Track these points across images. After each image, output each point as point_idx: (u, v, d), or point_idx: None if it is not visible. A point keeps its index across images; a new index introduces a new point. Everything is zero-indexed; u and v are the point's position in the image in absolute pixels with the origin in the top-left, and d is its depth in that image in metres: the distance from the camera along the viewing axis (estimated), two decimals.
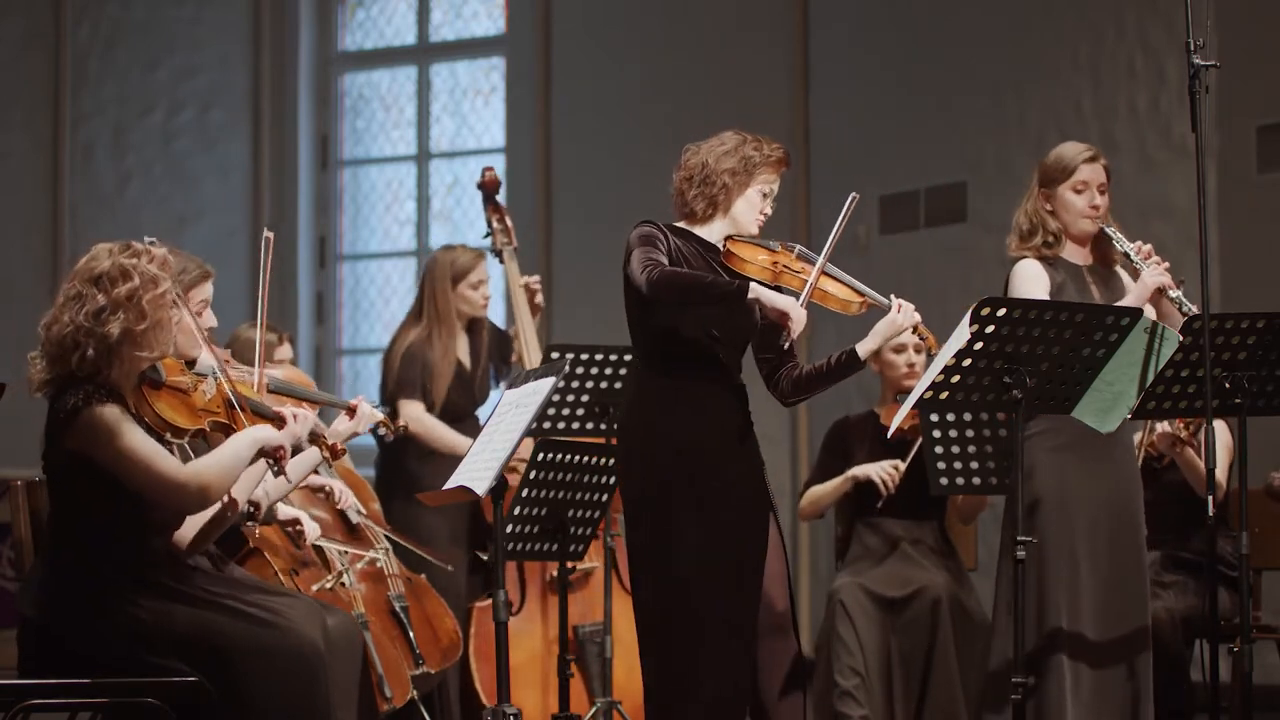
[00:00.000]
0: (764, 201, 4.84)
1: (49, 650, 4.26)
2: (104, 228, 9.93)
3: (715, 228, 4.85)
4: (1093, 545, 5.09)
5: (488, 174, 6.87)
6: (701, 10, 9.30)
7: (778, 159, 4.84)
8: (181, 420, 4.30)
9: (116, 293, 4.21)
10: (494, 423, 4.87)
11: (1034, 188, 5.26)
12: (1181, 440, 5.66)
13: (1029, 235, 5.22)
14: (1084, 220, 5.18)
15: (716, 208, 4.83)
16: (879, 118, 8.62)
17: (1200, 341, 4.75)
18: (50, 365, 4.26)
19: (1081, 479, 5.11)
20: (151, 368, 4.29)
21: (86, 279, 4.25)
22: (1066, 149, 5.26)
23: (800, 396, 4.89)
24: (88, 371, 4.21)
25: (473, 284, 6.55)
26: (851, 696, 6.12)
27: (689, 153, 4.89)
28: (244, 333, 5.95)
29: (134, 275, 4.23)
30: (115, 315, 4.19)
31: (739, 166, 4.80)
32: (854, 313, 4.80)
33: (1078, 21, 8.18)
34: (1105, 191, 5.22)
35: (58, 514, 4.33)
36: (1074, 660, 5.04)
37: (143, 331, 4.21)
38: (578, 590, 6.34)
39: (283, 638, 4.23)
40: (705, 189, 4.82)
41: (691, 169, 4.85)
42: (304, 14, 10.32)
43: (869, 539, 6.42)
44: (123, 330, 4.20)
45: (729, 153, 4.81)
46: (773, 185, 4.85)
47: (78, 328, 4.21)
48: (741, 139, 4.84)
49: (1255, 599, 5.92)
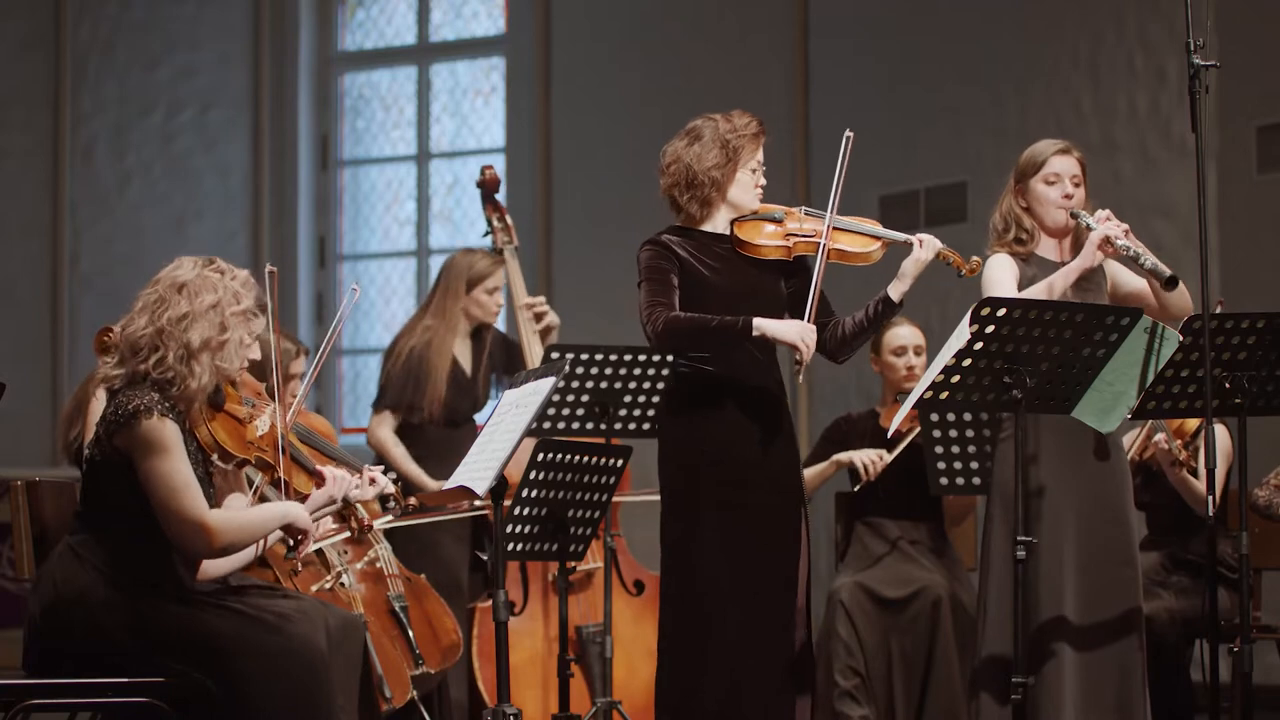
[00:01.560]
0: (755, 176, 4.86)
1: (53, 647, 4.26)
2: (104, 228, 9.96)
3: (717, 219, 4.87)
4: (1080, 543, 5.09)
5: (487, 172, 6.87)
6: (701, 10, 9.29)
7: (754, 132, 4.86)
8: (231, 446, 4.35)
9: (200, 302, 4.26)
10: (494, 423, 4.88)
11: (1009, 185, 5.24)
12: (1180, 462, 5.67)
13: (1003, 233, 5.21)
14: (1055, 211, 5.15)
15: (712, 203, 4.85)
16: (879, 118, 8.61)
17: (1200, 341, 4.75)
18: (122, 363, 4.29)
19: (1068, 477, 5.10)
20: (215, 389, 4.32)
21: (170, 286, 4.29)
22: (1040, 144, 5.25)
23: (846, 352, 4.92)
24: (162, 376, 4.23)
25: (488, 290, 6.56)
26: (851, 696, 6.12)
27: (667, 156, 4.89)
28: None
29: (219, 288, 4.29)
30: (198, 323, 4.24)
31: (721, 158, 4.81)
32: (876, 259, 4.83)
33: (1078, 21, 8.18)
34: (1080, 184, 5.18)
35: (86, 508, 4.34)
36: (1067, 655, 5.03)
37: (221, 344, 4.26)
38: (580, 590, 6.34)
39: (285, 640, 4.24)
40: (695, 191, 4.84)
41: (675, 175, 4.86)
42: (304, 14, 10.31)
43: (868, 539, 6.43)
44: (203, 340, 4.24)
45: (707, 146, 4.81)
46: (758, 158, 4.87)
47: (159, 330, 4.25)
48: (714, 124, 4.84)
49: (1255, 599, 5.92)
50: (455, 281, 6.55)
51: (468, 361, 6.59)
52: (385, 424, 6.48)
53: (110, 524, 4.28)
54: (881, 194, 8.64)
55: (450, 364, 6.51)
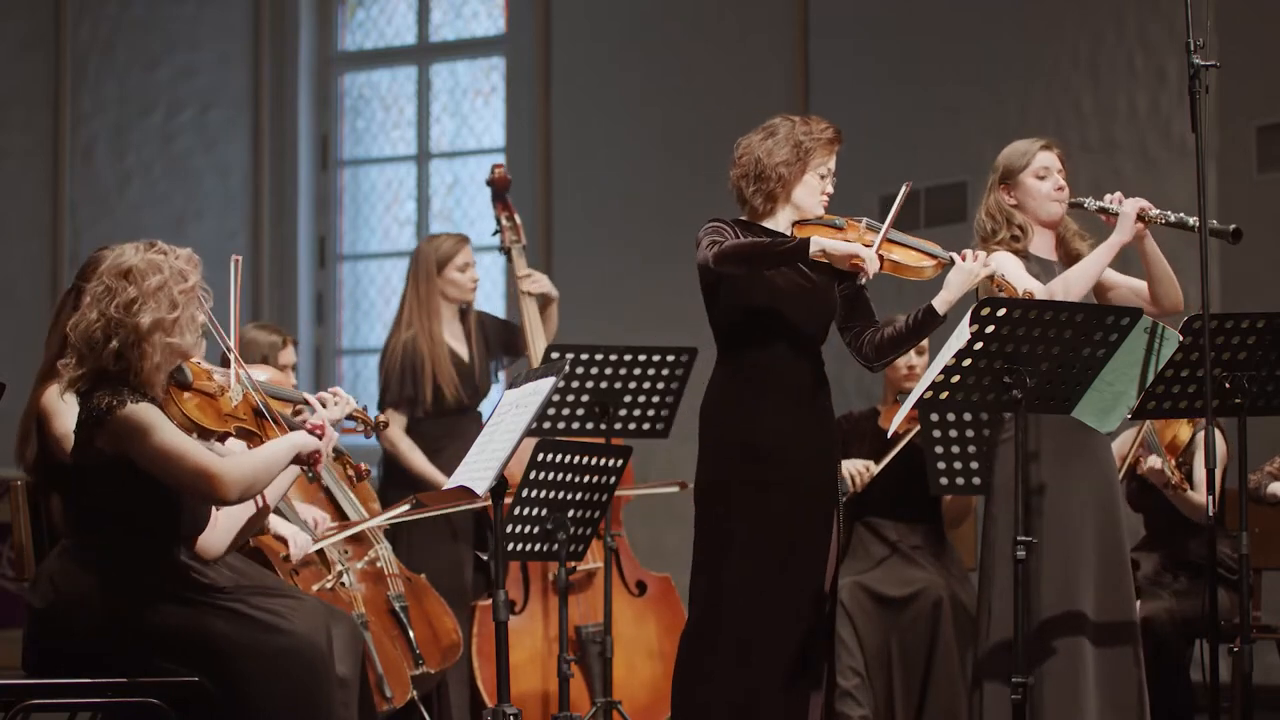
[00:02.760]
0: (823, 182, 4.88)
1: (53, 647, 4.26)
2: (104, 228, 9.94)
3: (780, 218, 4.88)
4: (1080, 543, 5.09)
5: (497, 171, 6.87)
6: (701, 10, 9.29)
7: (829, 139, 4.87)
8: (208, 421, 4.33)
9: (147, 284, 4.23)
10: (494, 423, 4.88)
11: (992, 186, 5.20)
12: (1173, 485, 5.68)
13: (993, 234, 5.16)
14: (1052, 204, 5.14)
15: (776, 200, 4.86)
16: (878, 118, 8.61)
17: (1200, 341, 4.75)
18: (80, 362, 4.27)
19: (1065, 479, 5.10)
20: (179, 370, 4.31)
21: (115, 274, 4.26)
22: (1018, 144, 5.23)
23: (884, 359, 4.92)
24: (120, 366, 4.22)
25: (459, 267, 6.52)
26: (851, 696, 6.12)
27: (740, 148, 4.90)
28: (247, 334, 5.95)
29: (164, 269, 4.26)
30: (146, 305, 4.21)
31: (791, 156, 4.82)
32: (928, 276, 4.83)
33: (1078, 21, 8.18)
34: (1064, 176, 5.19)
35: (80, 512, 4.33)
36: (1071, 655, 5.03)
37: (174, 321, 4.23)
38: (581, 590, 6.34)
39: (285, 640, 4.23)
40: (761, 184, 4.84)
41: (745, 166, 4.87)
42: (304, 14, 10.31)
43: (868, 540, 6.43)
44: (154, 320, 4.21)
45: (779, 143, 4.82)
46: (829, 165, 4.88)
47: (108, 320, 4.22)
48: (790, 125, 4.86)
49: (1255, 599, 5.93)
50: (425, 267, 6.53)
51: (462, 347, 6.57)
52: (394, 424, 6.46)
53: (106, 525, 4.27)
54: (881, 194, 8.62)
55: (446, 351, 6.49)
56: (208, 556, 4.45)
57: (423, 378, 6.44)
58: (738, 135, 4.96)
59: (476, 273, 6.60)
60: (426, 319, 6.47)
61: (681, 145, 9.10)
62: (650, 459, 7.70)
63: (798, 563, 4.79)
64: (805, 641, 4.78)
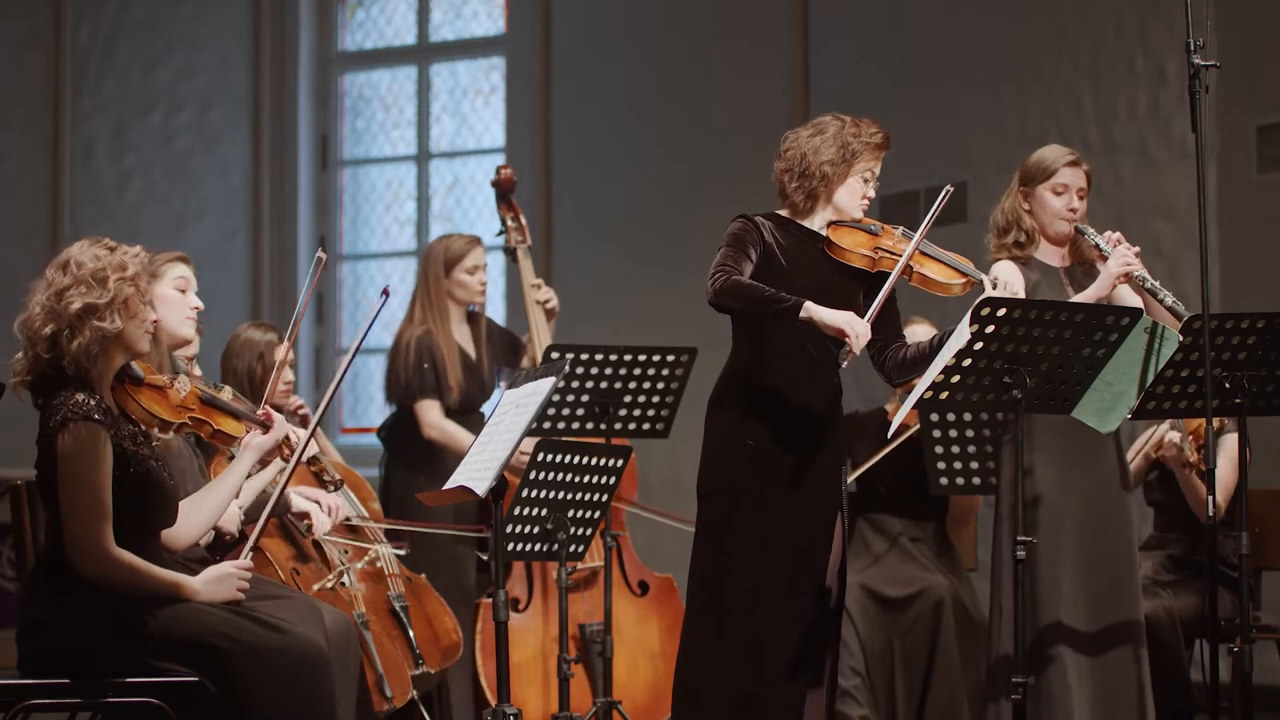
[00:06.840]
0: (865, 186, 4.88)
1: (48, 651, 4.25)
2: (104, 228, 9.92)
3: (818, 217, 4.88)
4: (1082, 544, 5.09)
5: (503, 172, 6.87)
6: (701, 10, 9.29)
7: (877, 143, 4.86)
8: (165, 414, 4.38)
9: (81, 273, 4.28)
10: (494, 423, 4.88)
11: (1014, 186, 5.30)
12: (1190, 464, 5.67)
13: (1003, 232, 5.27)
14: (1060, 222, 5.22)
15: (817, 199, 4.86)
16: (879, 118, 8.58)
17: (1200, 341, 4.75)
18: (24, 355, 4.30)
19: (1070, 479, 5.11)
20: (129, 367, 4.33)
21: (56, 267, 4.33)
22: (1050, 150, 5.28)
23: (905, 377, 4.92)
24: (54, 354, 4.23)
25: (468, 269, 6.52)
26: (852, 696, 6.12)
27: (787, 142, 4.89)
28: (244, 332, 5.95)
29: (101, 259, 4.31)
30: (77, 290, 4.25)
31: (837, 156, 4.81)
32: (956, 294, 4.83)
33: (1078, 21, 8.18)
34: (1084, 197, 5.24)
35: (54, 518, 4.32)
36: (1074, 656, 5.04)
37: (105, 305, 4.25)
38: (584, 589, 6.34)
39: (285, 640, 4.23)
40: (804, 182, 4.84)
41: (790, 160, 4.86)
42: (304, 14, 10.31)
43: (870, 536, 6.43)
44: (84, 305, 4.24)
45: (827, 142, 4.81)
46: (874, 169, 4.87)
47: (46, 310, 4.27)
48: (840, 125, 4.85)
49: (1255, 599, 5.92)
50: (434, 267, 6.53)
51: (470, 347, 6.57)
52: (433, 410, 6.41)
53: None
54: (881, 194, 8.61)
55: (457, 350, 6.49)
56: (175, 549, 4.46)
57: (445, 367, 6.42)
58: (737, 135, 4.98)
59: (485, 276, 6.59)
60: (437, 320, 6.48)
61: (681, 145, 9.10)
62: (650, 459, 7.71)
63: (801, 563, 4.79)
64: (807, 641, 4.78)
